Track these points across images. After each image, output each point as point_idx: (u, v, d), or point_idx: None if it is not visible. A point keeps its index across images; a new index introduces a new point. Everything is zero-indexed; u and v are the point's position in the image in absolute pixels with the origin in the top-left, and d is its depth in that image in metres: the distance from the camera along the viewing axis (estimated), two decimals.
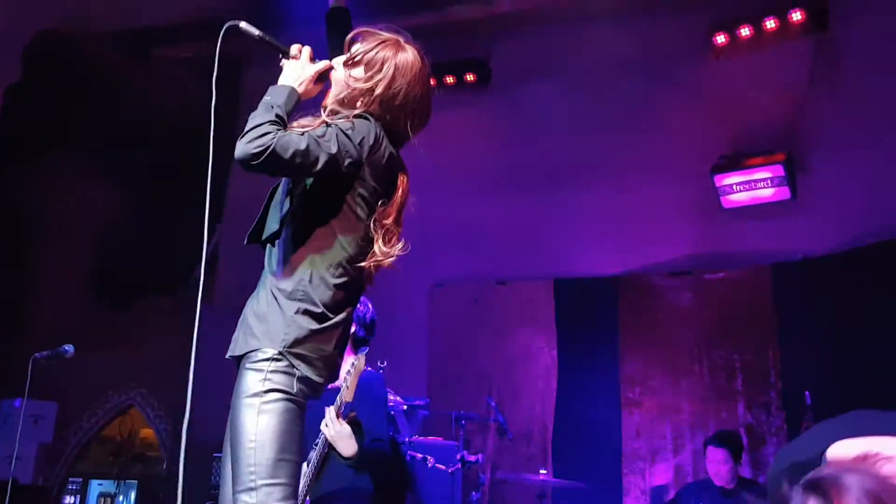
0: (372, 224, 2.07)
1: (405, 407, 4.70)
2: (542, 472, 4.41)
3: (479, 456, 4.65)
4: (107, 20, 6.66)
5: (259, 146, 1.90)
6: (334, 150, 1.96)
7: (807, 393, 4.27)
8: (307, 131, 1.99)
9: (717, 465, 4.51)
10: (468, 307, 6.69)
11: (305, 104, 2.14)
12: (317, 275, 2.01)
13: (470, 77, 6.73)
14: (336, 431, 2.92)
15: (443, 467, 4.22)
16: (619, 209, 6.34)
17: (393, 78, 2.12)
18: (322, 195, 2.05)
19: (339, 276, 2.03)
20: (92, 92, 7.31)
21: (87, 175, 7.81)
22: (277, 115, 1.99)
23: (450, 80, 6.73)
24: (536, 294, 6.50)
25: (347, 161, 1.99)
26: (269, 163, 1.91)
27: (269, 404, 1.90)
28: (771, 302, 5.69)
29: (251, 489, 1.86)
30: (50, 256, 8.13)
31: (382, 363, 3.72)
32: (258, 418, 1.89)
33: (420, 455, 4.16)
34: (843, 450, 1.38)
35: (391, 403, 4.15)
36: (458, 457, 4.34)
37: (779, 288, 5.68)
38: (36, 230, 8.12)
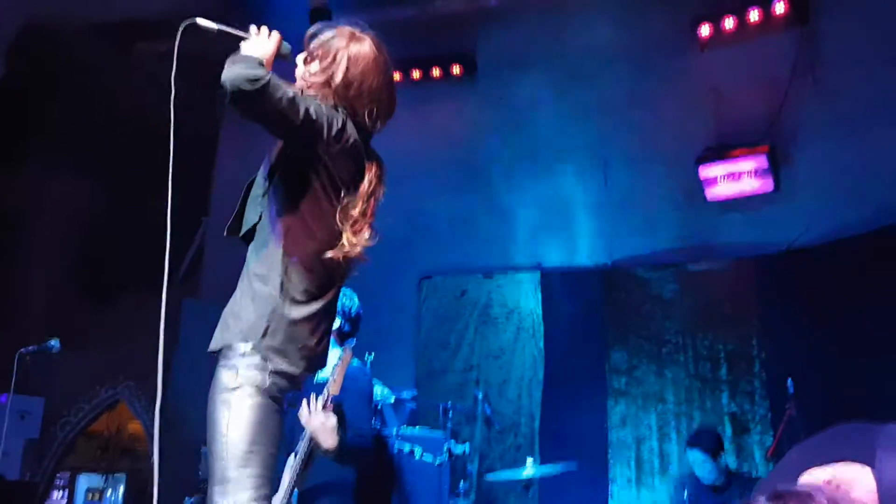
0: (339, 214, 2.08)
1: (392, 399, 4.72)
2: (529, 459, 4.44)
3: (467, 446, 4.68)
4: (89, 14, 6.63)
5: (255, 75, 1.85)
6: (313, 114, 1.97)
7: (789, 381, 4.32)
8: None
9: (699, 467, 4.60)
10: (455, 299, 6.71)
11: None
12: (290, 262, 2.03)
13: (456, 69, 6.75)
14: (320, 423, 2.92)
15: (430, 458, 4.24)
16: (606, 200, 6.38)
17: (347, 68, 2.13)
18: (293, 183, 2.07)
19: (311, 265, 2.05)
20: (74, 86, 7.27)
21: (70, 169, 7.77)
22: (262, 62, 1.96)
23: (436, 72, 6.74)
24: (523, 286, 6.53)
25: (319, 130, 1.99)
26: (259, 96, 1.86)
27: (240, 399, 1.92)
28: (754, 292, 5.75)
29: (223, 480, 1.89)
30: (34, 251, 8.08)
31: (370, 355, 3.73)
32: (229, 413, 1.92)
33: (407, 446, 4.18)
34: (811, 480, 1.38)
35: (378, 396, 4.17)
36: (446, 448, 4.36)
37: (762, 279, 5.73)
38: (20, 225, 8.07)
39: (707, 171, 5.78)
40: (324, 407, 2.92)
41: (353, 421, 3.11)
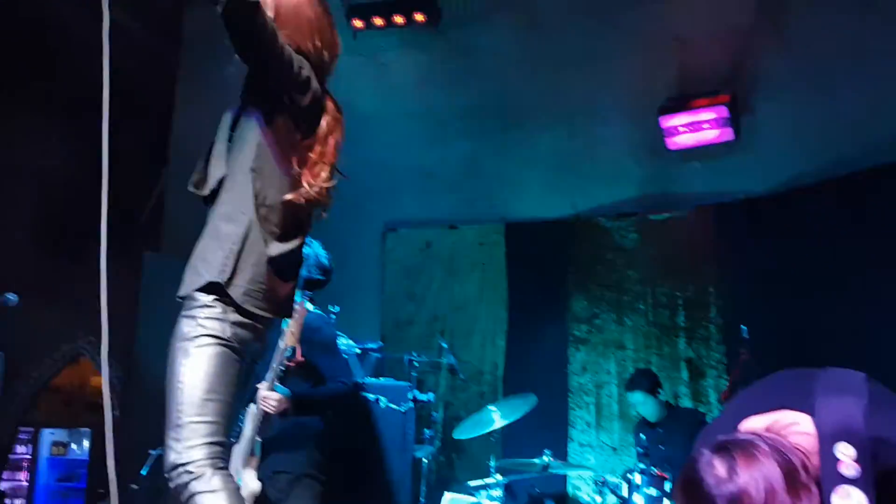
0: (298, 156, 2.09)
1: (358, 350, 4.77)
2: (492, 408, 4.53)
3: (431, 395, 4.76)
4: None
5: None
6: (288, 52, 2.02)
7: (743, 327, 4.45)
8: None
9: (641, 407, 4.86)
10: (420, 251, 6.74)
11: None
12: (258, 203, 2.03)
13: (419, 17, 6.63)
14: (274, 407, 2.91)
15: (395, 407, 4.32)
16: (569, 151, 6.40)
17: (278, 8, 2.14)
18: (260, 125, 2.07)
19: (278, 206, 2.06)
20: (30, 35, 7.02)
21: (28, 120, 7.56)
22: None
23: (399, 19, 6.62)
24: (488, 237, 6.58)
25: (290, 67, 2.02)
26: (256, 10, 1.89)
27: (199, 348, 1.94)
28: (713, 240, 5.87)
29: (178, 426, 1.91)
30: None
31: (335, 308, 3.76)
32: (187, 360, 1.94)
33: (372, 396, 4.25)
34: (751, 426, 1.43)
35: (343, 347, 4.21)
36: (410, 396, 4.44)
37: (721, 227, 5.84)
38: None
39: (669, 121, 5.81)
40: (292, 361, 2.90)
41: (329, 368, 3.13)
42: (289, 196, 2.06)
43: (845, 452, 1.33)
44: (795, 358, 1.64)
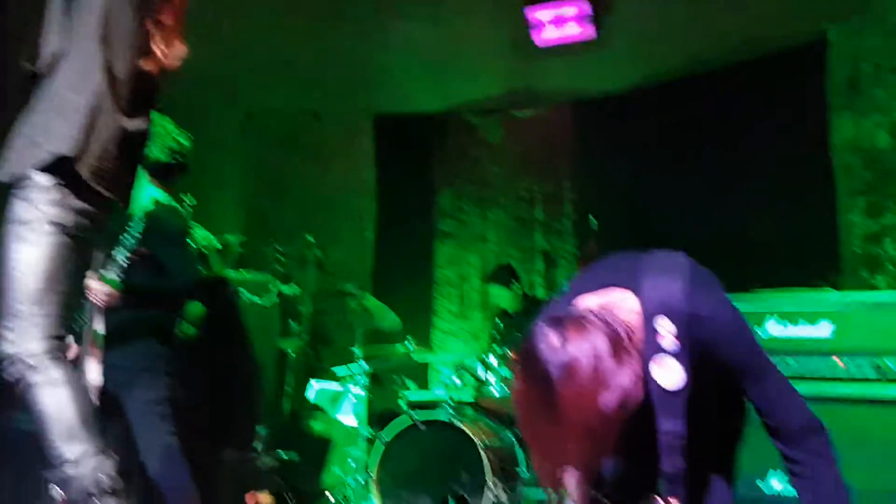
0: (151, 23, 1.98)
1: (218, 244, 4.65)
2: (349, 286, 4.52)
3: (296, 289, 4.75)
4: None
5: None
6: None
7: (592, 219, 4.65)
8: None
9: (499, 299, 5.10)
10: (284, 140, 6.56)
11: None
12: (103, 72, 1.91)
13: None
14: (101, 293, 2.71)
15: (259, 300, 4.30)
16: (438, 44, 6.30)
17: None
18: None
19: (124, 78, 1.94)
20: None
21: None
22: None
23: None
24: (355, 129, 6.49)
25: None
26: None
27: (38, 235, 1.84)
28: (571, 137, 6.07)
29: (13, 316, 1.84)
30: None
31: (189, 199, 3.60)
32: (23, 247, 1.84)
33: (235, 289, 4.20)
34: (585, 304, 1.55)
35: (203, 241, 4.08)
36: (275, 290, 4.42)
37: (580, 124, 6.04)
38: None
39: (534, 15, 5.81)
40: (134, 253, 2.73)
41: (171, 263, 3.00)
42: (141, 64, 1.95)
43: (665, 326, 1.48)
44: (642, 247, 1.76)
